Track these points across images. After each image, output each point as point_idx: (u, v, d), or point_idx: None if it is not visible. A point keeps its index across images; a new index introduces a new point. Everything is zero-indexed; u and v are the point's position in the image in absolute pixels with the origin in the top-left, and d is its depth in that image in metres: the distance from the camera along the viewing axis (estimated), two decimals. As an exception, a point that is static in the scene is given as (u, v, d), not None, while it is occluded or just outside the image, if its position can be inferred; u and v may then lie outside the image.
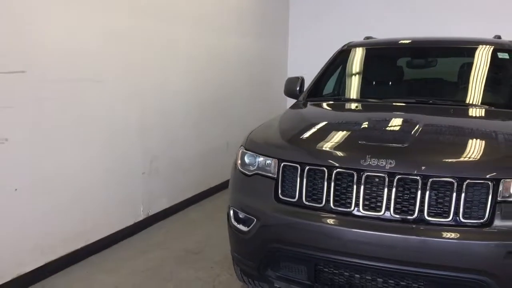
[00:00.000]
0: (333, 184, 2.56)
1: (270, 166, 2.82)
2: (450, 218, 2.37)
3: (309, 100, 3.90)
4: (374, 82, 4.17)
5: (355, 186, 2.51)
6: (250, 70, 6.83)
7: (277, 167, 2.77)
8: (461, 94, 3.76)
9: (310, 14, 8.34)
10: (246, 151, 3.00)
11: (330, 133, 2.97)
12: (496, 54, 3.88)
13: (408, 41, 4.21)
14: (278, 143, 2.90)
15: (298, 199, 2.65)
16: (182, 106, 5.21)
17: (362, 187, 2.50)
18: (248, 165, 2.96)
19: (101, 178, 4.08)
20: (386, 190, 2.46)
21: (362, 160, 2.52)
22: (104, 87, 4.01)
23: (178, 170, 5.20)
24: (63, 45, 3.56)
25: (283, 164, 2.74)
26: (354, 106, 3.75)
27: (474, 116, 3.29)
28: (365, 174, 2.50)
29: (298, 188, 2.66)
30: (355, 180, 2.52)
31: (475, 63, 3.81)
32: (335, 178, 2.56)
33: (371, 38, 4.81)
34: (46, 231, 3.55)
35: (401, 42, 4.18)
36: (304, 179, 2.64)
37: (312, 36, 8.27)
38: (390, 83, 4.15)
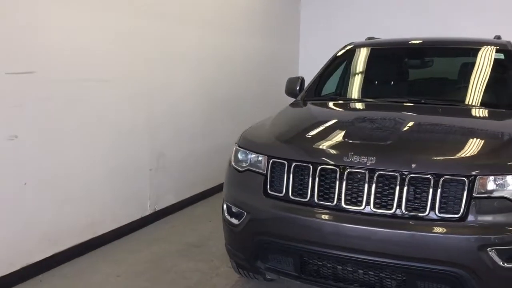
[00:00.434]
0: (317, 179, 2.69)
1: (261, 163, 2.96)
2: (427, 213, 2.47)
3: (306, 99, 4.02)
4: (370, 82, 4.26)
5: (338, 182, 2.64)
6: (260, 71, 6.97)
7: (266, 164, 2.91)
8: (452, 94, 3.84)
9: (321, 15, 8.45)
10: (239, 148, 3.14)
11: (318, 131, 3.10)
12: (491, 55, 3.94)
13: (405, 41, 4.30)
14: (268, 141, 3.04)
15: (285, 194, 2.78)
16: (190, 105, 5.38)
17: (344, 183, 2.62)
18: (241, 161, 3.11)
19: (108, 174, 4.26)
20: (367, 185, 2.57)
21: (345, 157, 2.64)
22: (111, 87, 4.19)
23: (185, 167, 5.37)
24: (71, 46, 3.74)
25: (272, 160, 2.88)
26: (347, 105, 3.86)
27: (460, 115, 3.37)
28: (347, 170, 2.62)
29: (285, 183, 2.79)
30: (338, 176, 2.64)
31: (469, 64, 3.89)
32: (320, 174, 2.69)
33: (373, 38, 4.90)
34: (54, 224, 3.74)
35: (397, 43, 4.27)
36: (291, 175, 2.77)
37: (323, 37, 8.36)
38: (386, 83, 4.25)
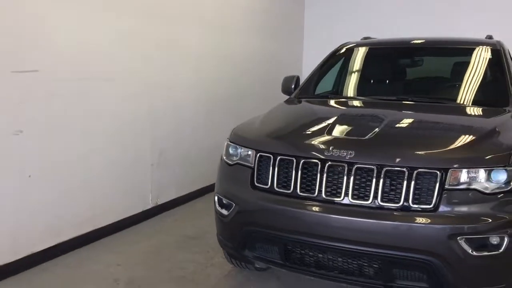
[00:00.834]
0: (300, 172, 2.84)
1: (250, 157, 3.11)
2: (401, 204, 2.61)
3: (299, 97, 4.17)
4: (360, 81, 4.39)
5: (319, 174, 2.78)
6: (262, 70, 7.12)
7: (254, 157, 3.06)
8: (439, 92, 3.96)
9: (325, 15, 8.56)
10: (230, 143, 3.31)
11: (303, 127, 3.25)
12: (479, 54, 4.05)
13: (396, 42, 4.43)
14: (256, 136, 3.20)
15: (270, 186, 2.94)
16: (191, 103, 5.56)
17: (325, 175, 2.76)
18: (231, 155, 3.27)
19: (110, 169, 4.45)
20: (346, 178, 2.72)
21: (326, 151, 2.79)
22: (114, 85, 4.38)
23: (186, 163, 5.54)
24: (74, 46, 3.92)
25: (259, 154, 3.03)
26: (335, 103, 4.00)
27: (442, 112, 3.50)
28: (328, 164, 2.77)
29: (270, 176, 2.95)
30: (319, 169, 2.79)
31: (458, 63, 4.01)
32: (302, 167, 2.84)
33: (369, 38, 5.03)
34: (57, 215, 3.93)
35: (389, 43, 4.40)
36: (276, 168, 2.93)
37: (327, 37, 8.45)
38: (376, 82, 4.38)
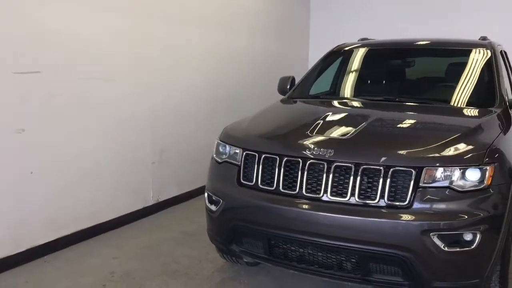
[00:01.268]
0: (282, 170, 2.95)
1: (237, 155, 3.23)
2: (377, 201, 2.70)
3: (292, 97, 4.28)
4: (353, 82, 4.48)
5: (300, 172, 2.89)
6: (265, 70, 7.23)
7: (241, 156, 3.19)
8: (426, 93, 4.04)
9: (331, 16, 8.64)
10: (220, 142, 3.43)
11: (289, 126, 3.38)
12: (469, 55, 4.11)
13: (389, 43, 4.51)
14: (244, 135, 3.32)
15: (255, 183, 3.05)
16: (192, 102, 5.69)
17: (306, 173, 2.87)
18: (221, 154, 3.39)
19: (111, 166, 4.60)
20: (325, 175, 2.82)
21: (307, 149, 2.90)
22: (115, 84, 4.53)
23: (187, 161, 5.68)
24: (76, 47, 4.09)
25: (245, 152, 3.15)
26: (324, 103, 4.10)
27: (424, 112, 3.57)
28: (308, 162, 2.87)
29: (255, 173, 3.06)
30: (301, 166, 2.90)
31: (447, 64, 4.08)
32: (285, 165, 2.95)
33: (366, 39, 5.12)
34: (58, 210, 4.09)
35: (381, 44, 4.48)
36: (260, 166, 3.04)
37: (333, 37, 8.49)
38: (368, 82, 4.47)
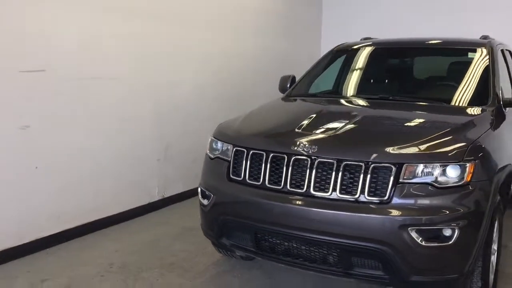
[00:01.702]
0: (269, 165, 3.04)
1: (228, 151, 3.33)
2: (358, 196, 2.77)
3: (290, 96, 4.36)
4: (351, 80, 4.53)
5: (285, 168, 2.97)
6: (273, 69, 7.25)
7: (231, 152, 3.28)
8: (421, 91, 4.07)
9: (343, 14, 8.66)
10: (213, 139, 3.54)
11: (279, 123, 3.47)
12: (467, 54, 4.13)
13: (389, 42, 4.55)
14: (235, 132, 3.42)
15: (243, 178, 3.15)
16: (196, 101, 5.80)
17: (290, 168, 2.95)
18: (213, 150, 3.49)
19: (115, 162, 4.75)
20: (308, 171, 2.90)
21: (292, 146, 2.98)
22: (119, 84, 4.68)
23: (192, 158, 5.78)
24: (80, 47, 4.24)
25: (235, 148, 3.25)
26: (317, 101, 4.17)
27: (414, 110, 3.61)
28: (293, 158, 2.95)
29: (243, 169, 3.16)
30: (286, 162, 2.98)
31: (443, 63, 4.10)
32: (271, 160, 3.04)
33: (369, 38, 5.15)
34: (63, 204, 4.25)
35: (381, 43, 4.53)
36: (248, 161, 3.14)
37: (345, 36, 8.53)
38: (364, 81, 4.50)
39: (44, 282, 3.56)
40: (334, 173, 2.82)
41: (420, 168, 2.73)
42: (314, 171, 2.88)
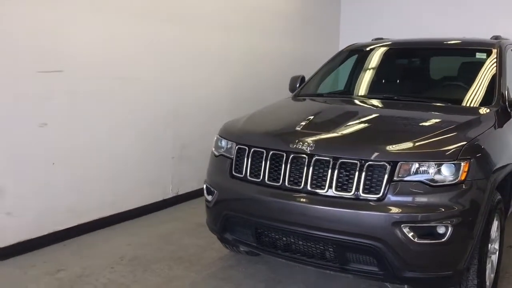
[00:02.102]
0: (268, 162, 3.13)
1: (231, 149, 3.44)
2: (352, 193, 2.84)
3: (298, 96, 4.44)
4: (358, 80, 4.58)
5: (284, 165, 3.07)
6: (291, 70, 7.32)
7: (234, 149, 3.39)
8: (426, 91, 4.10)
9: (361, 17, 8.66)
10: (219, 137, 3.65)
11: (279, 121, 3.56)
12: (476, 54, 4.14)
13: (399, 42, 4.58)
14: (238, 130, 3.53)
15: (244, 175, 3.26)
16: (214, 102, 5.93)
17: (289, 166, 3.04)
18: (218, 148, 3.61)
19: (132, 159, 4.92)
20: (306, 168, 2.98)
21: (291, 143, 3.07)
22: (139, 84, 4.87)
23: (207, 158, 5.91)
24: (99, 48, 4.43)
25: (238, 146, 3.36)
26: (322, 101, 4.24)
27: (416, 109, 3.65)
28: (292, 155, 3.04)
29: (245, 166, 3.26)
30: (284, 160, 3.07)
31: (451, 63, 4.12)
32: (271, 158, 3.13)
33: (381, 39, 5.18)
34: (80, 199, 4.43)
35: (390, 44, 4.56)
36: (249, 159, 3.24)
37: (364, 35, 8.52)
38: (372, 81, 4.53)
39: (59, 272, 3.74)
40: (330, 170, 2.90)
41: (414, 166, 2.78)
42: (311, 169, 2.96)
